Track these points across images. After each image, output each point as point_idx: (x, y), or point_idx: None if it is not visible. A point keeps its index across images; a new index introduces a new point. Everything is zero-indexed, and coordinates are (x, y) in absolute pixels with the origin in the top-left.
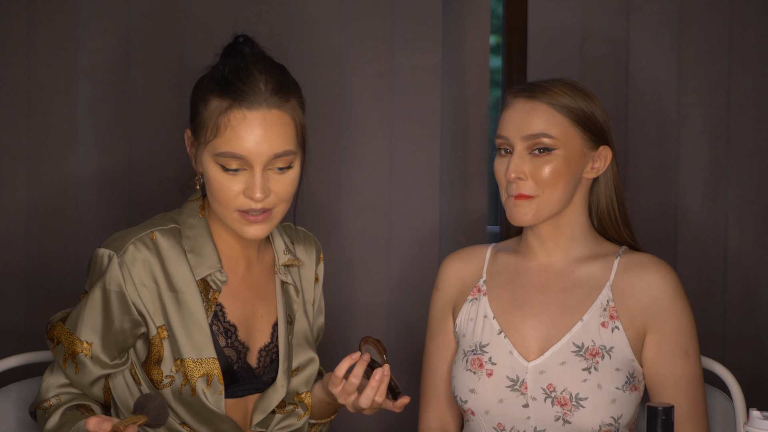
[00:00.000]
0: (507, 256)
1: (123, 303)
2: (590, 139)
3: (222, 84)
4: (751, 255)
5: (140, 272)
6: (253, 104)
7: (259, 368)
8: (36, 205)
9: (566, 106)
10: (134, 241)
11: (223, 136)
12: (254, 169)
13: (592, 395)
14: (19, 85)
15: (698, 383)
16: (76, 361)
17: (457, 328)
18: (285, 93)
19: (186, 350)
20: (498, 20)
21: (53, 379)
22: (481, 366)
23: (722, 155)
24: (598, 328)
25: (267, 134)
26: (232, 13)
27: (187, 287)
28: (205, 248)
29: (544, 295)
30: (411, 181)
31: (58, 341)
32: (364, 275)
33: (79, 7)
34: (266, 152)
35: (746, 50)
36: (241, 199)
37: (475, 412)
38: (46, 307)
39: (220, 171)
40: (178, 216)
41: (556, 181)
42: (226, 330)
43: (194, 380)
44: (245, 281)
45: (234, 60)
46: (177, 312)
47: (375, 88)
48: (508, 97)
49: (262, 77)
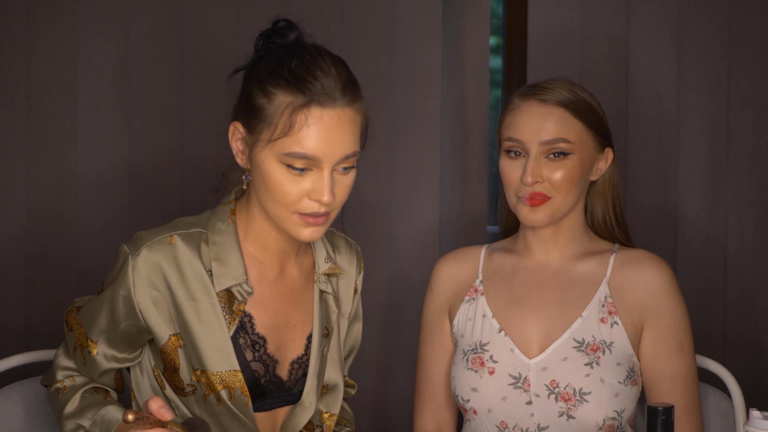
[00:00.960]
0: (503, 256)
1: (129, 308)
2: (599, 141)
3: (291, 79)
4: (751, 255)
5: (152, 277)
6: (328, 102)
7: (290, 381)
8: (36, 205)
9: (580, 110)
10: (150, 244)
11: (296, 135)
12: (323, 170)
13: (595, 390)
14: (19, 85)
15: (693, 378)
16: (83, 354)
17: (454, 329)
18: (355, 90)
19: (207, 361)
20: (498, 20)
21: (65, 360)
22: (482, 364)
23: (722, 155)
24: (598, 324)
25: (341, 135)
26: (232, 13)
27: (205, 296)
28: (231, 257)
29: (543, 293)
30: (411, 181)
31: (71, 328)
32: (365, 275)
33: (79, 7)
34: (339, 153)
35: (746, 50)
36: (305, 201)
37: (478, 411)
38: (46, 307)
39: (285, 171)
40: (209, 219)
41: (571, 184)
42: (254, 343)
43: (218, 391)
44: (277, 288)
45: (298, 52)
46: (197, 320)
47: (375, 88)
48: (515, 99)
49: (333, 72)
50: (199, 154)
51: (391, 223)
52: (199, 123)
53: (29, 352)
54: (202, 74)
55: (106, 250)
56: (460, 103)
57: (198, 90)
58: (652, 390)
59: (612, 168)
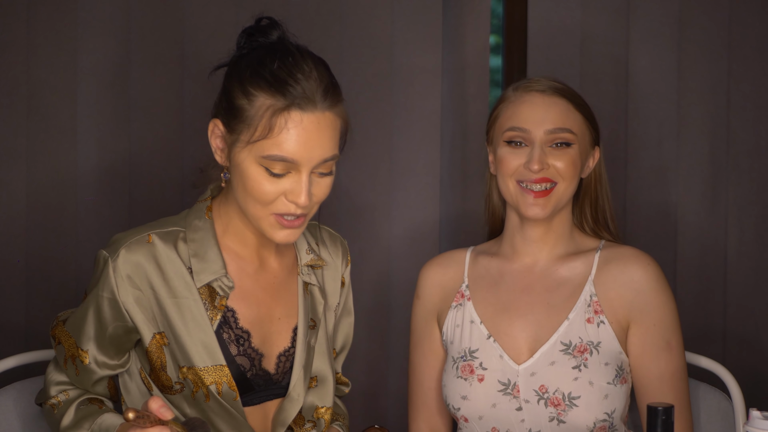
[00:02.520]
0: (488, 259)
1: (116, 309)
2: (593, 137)
3: (272, 81)
4: (751, 255)
5: (133, 277)
6: (308, 106)
7: (278, 374)
8: (36, 205)
9: (580, 103)
10: (128, 245)
11: (275, 138)
12: (301, 173)
13: (584, 393)
14: (19, 85)
15: (682, 375)
16: (75, 364)
17: (444, 336)
18: (336, 94)
19: (193, 357)
20: (498, 20)
21: (56, 375)
22: (472, 372)
23: (722, 155)
24: (584, 325)
25: (321, 139)
26: (232, 13)
27: (187, 293)
28: (209, 252)
29: (529, 296)
30: (411, 181)
31: (59, 341)
32: (364, 275)
33: (79, 7)
34: (318, 157)
35: (746, 50)
36: (282, 202)
37: (469, 419)
38: (46, 307)
39: (263, 173)
40: (186, 217)
41: (574, 173)
42: (238, 337)
43: (205, 387)
44: (258, 282)
45: (281, 53)
46: (180, 318)
47: (375, 88)
48: (510, 92)
49: (315, 75)
50: (199, 154)
51: (392, 223)
52: (199, 123)
53: (29, 352)
54: (202, 74)
55: None
56: (460, 103)
57: (198, 90)
58: (640, 389)
59: (599, 165)
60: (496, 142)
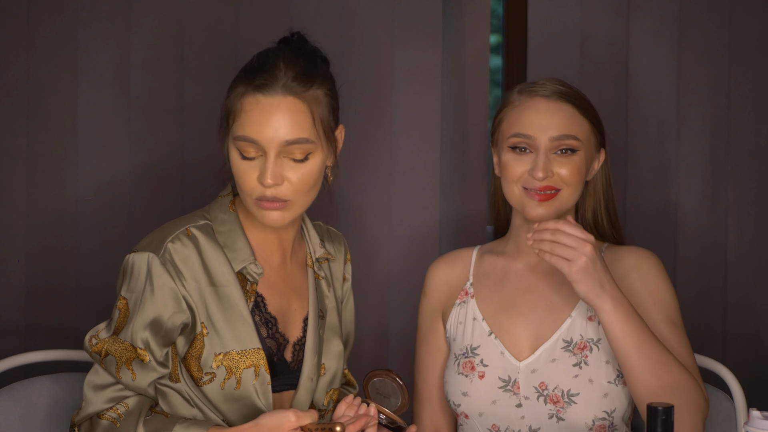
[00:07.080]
0: (494, 258)
1: (175, 300)
2: (599, 141)
3: (246, 72)
4: (751, 255)
5: (183, 268)
6: (269, 90)
7: (293, 362)
8: (36, 205)
9: (585, 108)
10: (172, 239)
11: (239, 120)
12: (268, 155)
13: (583, 391)
14: (19, 85)
15: (687, 348)
16: (131, 367)
17: (447, 332)
18: (305, 82)
19: (230, 342)
20: (498, 20)
21: (105, 390)
22: (473, 369)
23: (722, 155)
24: (585, 322)
25: (280, 120)
26: (232, 13)
27: (227, 279)
28: (238, 242)
29: (532, 295)
30: (411, 181)
31: (107, 353)
32: (364, 275)
33: (79, 7)
34: (278, 138)
35: (746, 50)
36: (257, 186)
37: (469, 415)
38: (46, 307)
39: (239, 157)
40: (209, 213)
41: (579, 180)
42: (267, 321)
43: (239, 372)
44: (279, 274)
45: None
46: (218, 306)
47: (375, 88)
48: (515, 95)
49: (281, 64)
50: (199, 154)
51: (392, 224)
52: (199, 123)
53: (29, 352)
54: (202, 74)
55: (106, 250)
56: (460, 102)
57: (198, 90)
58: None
59: (604, 168)
60: (500, 146)
